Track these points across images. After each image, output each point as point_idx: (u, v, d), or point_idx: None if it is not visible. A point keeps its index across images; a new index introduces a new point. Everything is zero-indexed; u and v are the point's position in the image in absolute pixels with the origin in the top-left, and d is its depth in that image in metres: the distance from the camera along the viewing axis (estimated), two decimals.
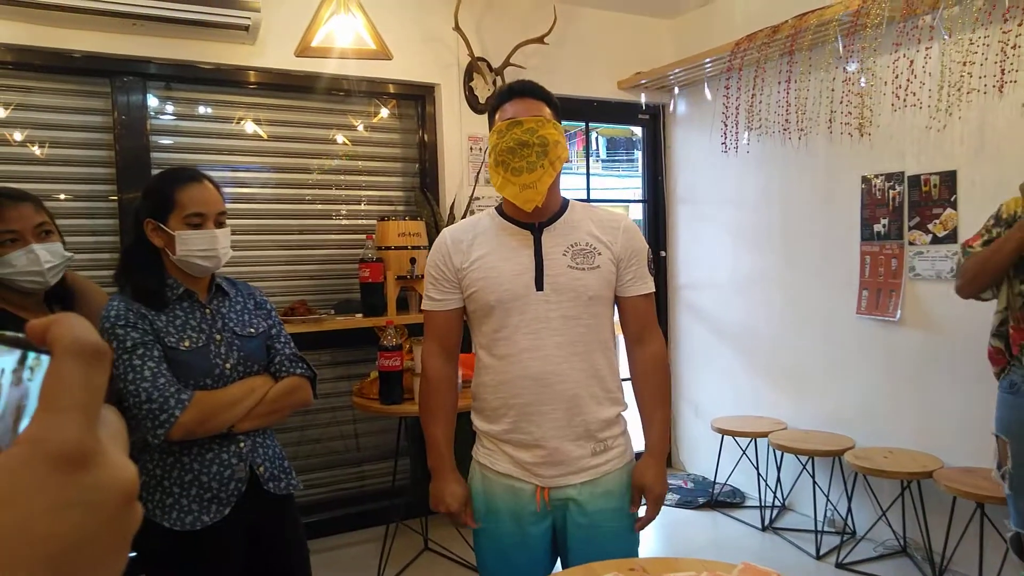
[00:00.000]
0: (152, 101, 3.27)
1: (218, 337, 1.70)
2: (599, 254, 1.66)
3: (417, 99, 3.84)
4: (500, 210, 1.73)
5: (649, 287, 1.72)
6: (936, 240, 3.14)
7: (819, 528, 3.43)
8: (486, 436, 1.72)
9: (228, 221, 1.75)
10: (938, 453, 3.09)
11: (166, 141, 3.31)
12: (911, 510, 3.19)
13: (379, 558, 3.16)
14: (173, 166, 2.66)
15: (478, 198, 3.79)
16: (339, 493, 3.71)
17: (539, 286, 1.62)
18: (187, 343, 1.65)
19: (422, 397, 1.77)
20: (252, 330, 1.77)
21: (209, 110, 3.41)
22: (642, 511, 1.74)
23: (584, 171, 4.98)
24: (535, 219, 1.67)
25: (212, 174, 1.78)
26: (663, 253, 4.61)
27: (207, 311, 1.72)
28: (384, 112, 3.80)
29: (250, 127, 3.48)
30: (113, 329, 1.58)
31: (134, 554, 1.68)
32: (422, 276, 3.40)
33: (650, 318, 1.74)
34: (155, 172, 2.44)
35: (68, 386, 0.31)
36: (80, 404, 0.31)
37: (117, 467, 0.31)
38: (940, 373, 3.13)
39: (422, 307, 1.77)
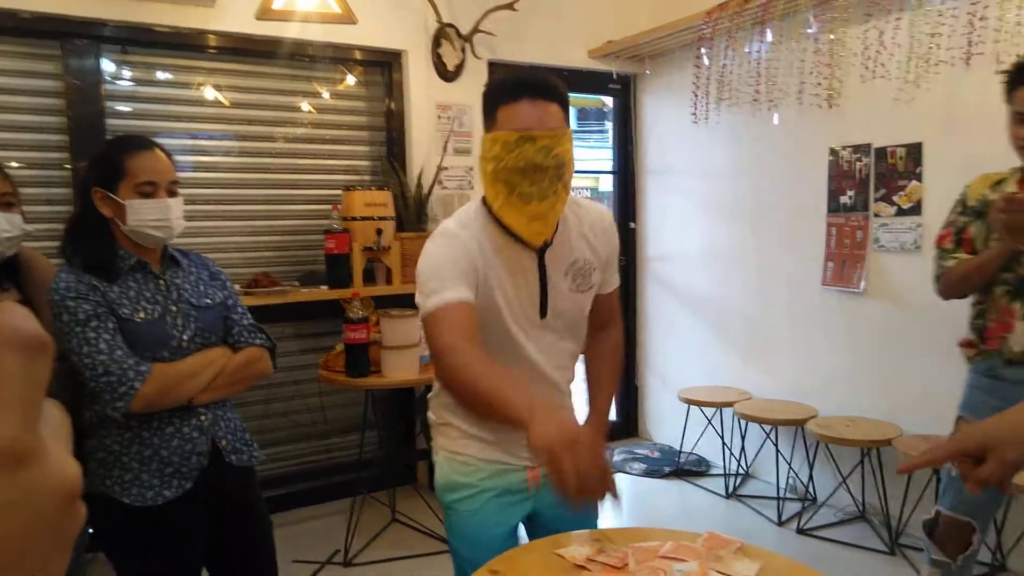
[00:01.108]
0: (107, 65, 3.15)
1: (174, 308, 1.66)
2: (594, 270, 1.61)
3: (383, 66, 3.75)
4: (494, 216, 1.50)
5: (618, 281, 1.73)
6: (901, 212, 3.17)
7: (781, 495, 3.50)
8: (465, 427, 1.61)
9: (189, 190, 1.70)
10: (898, 422, 3.15)
11: (123, 107, 3.19)
12: (870, 477, 3.27)
13: (346, 530, 3.16)
14: (126, 134, 2.57)
15: (446, 168, 3.74)
16: (306, 466, 3.69)
17: (543, 313, 1.55)
18: (142, 314, 1.60)
19: (462, 371, 1.33)
20: (208, 301, 1.73)
21: (167, 75, 3.29)
22: None
23: None
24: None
25: (171, 142, 1.73)
26: (632, 224, 4.61)
27: (161, 282, 1.67)
28: (350, 79, 3.70)
29: (210, 93, 3.37)
30: (63, 301, 1.52)
31: (91, 531, 1.64)
32: (388, 247, 3.36)
33: (616, 307, 1.76)
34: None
35: (7, 380, 0.29)
36: (19, 399, 0.29)
37: (59, 465, 0.30)
38: (901, 343, 3.19)
39: (435, 306, 1.39)
